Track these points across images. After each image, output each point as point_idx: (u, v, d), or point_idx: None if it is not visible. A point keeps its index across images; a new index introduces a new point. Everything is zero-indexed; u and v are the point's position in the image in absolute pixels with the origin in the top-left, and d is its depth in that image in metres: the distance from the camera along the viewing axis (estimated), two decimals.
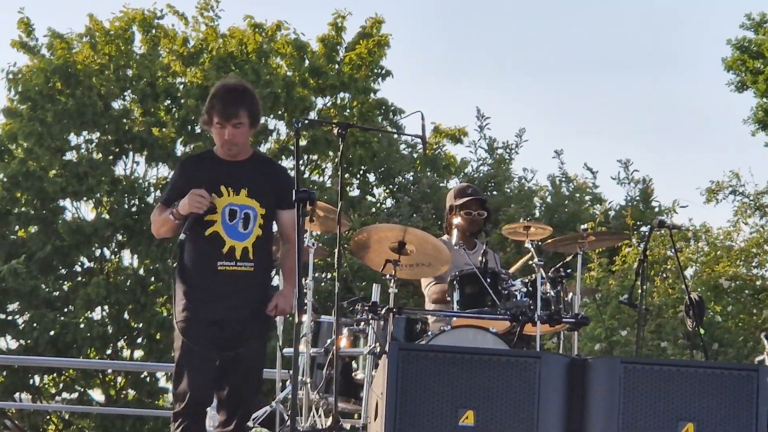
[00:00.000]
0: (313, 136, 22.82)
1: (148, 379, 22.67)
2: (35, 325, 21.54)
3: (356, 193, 23.90)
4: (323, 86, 23.60)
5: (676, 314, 15.63)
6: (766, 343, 9.56)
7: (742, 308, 17.09)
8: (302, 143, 22.82)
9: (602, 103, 38.15)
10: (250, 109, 6.68)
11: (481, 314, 8.00)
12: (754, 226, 19.85)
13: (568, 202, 23.22)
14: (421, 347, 6.91)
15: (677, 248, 14.46)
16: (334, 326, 7.68)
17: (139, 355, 23.08)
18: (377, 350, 7.69)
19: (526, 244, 8.47)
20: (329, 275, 20.77)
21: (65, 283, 23.05)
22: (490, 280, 8.06)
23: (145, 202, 22.70)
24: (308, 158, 23.73)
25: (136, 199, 22.87)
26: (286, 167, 7.34)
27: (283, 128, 23.82)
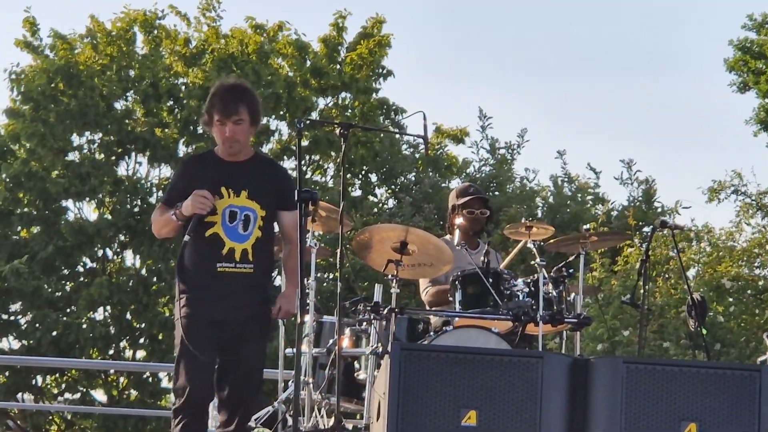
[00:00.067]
0: (314, 136, 22.83)
1: (150, 379, 22.67)
2: (38, 325, 21.55)
3: (358, 193, 23.90)
4: (325, 86, 23.60)
5: (678, 314, 15.64)
6: None
7: (744, 308, 17.10)
8: (304, 143, 22.82)
9: (604, 103, 38.17)
10: (250, 106, 6.68)
11: (483, 314, 8.00)
12: (756, 226, 19.86)
13: (570, 202, 23.21)
14: (423, 347, 6.90)
15: (679, 248, 14.44)
16: (336, 326, 7.66)
17: (141, 355, 23.10)
18: (379, 350, 7.68)
19: (528, 244, 8.47)
20: (331, 275, 20.77)
21: (68, 283, 23.05)
22: (492, 280, 8.05)
23: (147, 202, 22.70)
24: (310, 158, 23.73)
25: (138, 199, 22.88)
26: (287, 168, 7.34)
27: (285, 129, 23.85)
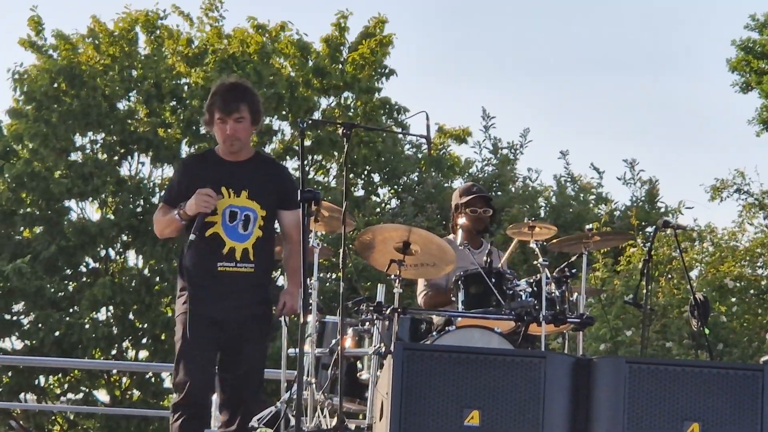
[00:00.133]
0: (317, 136, 22.82)
1: (153, 379, 22.69)
2: (40, 325, 21.56)
3: (361, 193, 23.90)
4: (327, 87, 23.60)
5: (681, 314, 15.62)
6: None
7: (747, 308, 17.09)
8: (307, 143, 22.83)
9: (607, 103, 38.14)
10: (251, 105, 6.68)
11: (486, 314, 7.99)
12: (758, 226, 19.86)
13: (573, 202, 23.20)
14: (426, 347, 6.91)
15: (682, 248, 14.44)
16: (338, 326, 7.65)
17: (144, 355, 23.10)
18: (382, 350, 7.67)
19: (530, 244, 8.46)
20: (334, 275, 20.76)
21: (70, 283, 23.06)
22: (494, 279, 8.04)
23: (150, 202, 22.70)
24: (313, 158, 23.73)
25: (141, 199, 22.88)
26: (288, 167, 7.32)
27: (287, 129, 23.85)
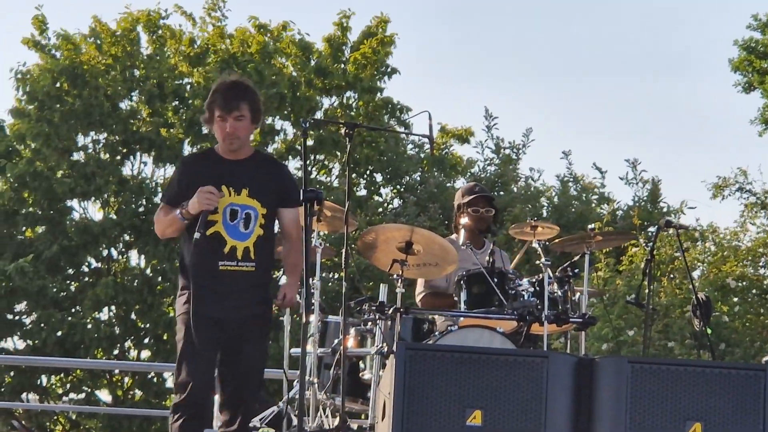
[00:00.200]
0: (319, 136, 22.82)
1: (155, 379, 22.70)
2: (43, 325, 21.57)
3: (363, 192, 23.89)
4: (329, 86, 23.59)
5: (683, 314, 15.62)
6: None
7: (749, 308, 17.09)
8: (309, 143, 22.80)
9: (609, 103, 38.14)
10: (251, 104, 6.66)
11: (488, 314, 8.00)
12: (761, 226, 19.86)
13: (575, 202, 23.19)
14: (428, 347, 6.91)
15: (684, 248, 14.44)
16: (341, 326, 7.68)
17: (146, 355, 23.10)
18: (384, 350, 7.69)
19: (533, 243, 8.46)
20: (336, 275, 20.77)
21: (72, 283, 23.07)
22: (497, 279, 8.05)
23: (152, 202, 22.69)
24: (315, 158, 23.72)
25: (143, 199, 22.89)
26: (287, 166, 7.31)
27: (289, 128, 23.85)
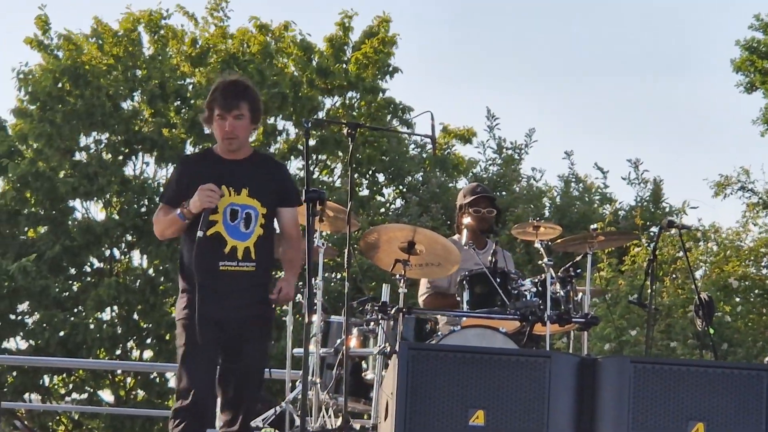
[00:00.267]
0: (321, 136, 22.82)
1: (157, 379, 22.68)
2: (45, 325, 21.56)
3: (365, 192, 23.89)
4: (330, 86, 23.58)
5: (685, 314, 15.61)
6: None
7: (751, 308, 17.08)
8: (311, 143, 22.77)
9: (611, 103, 38.11)
10: (251, 103, 6.66)
11: (490, 314, 8.00)
12: (763, 226, 19.85)
13: (577, 202, 23.19)
14: (431, 347, 6.91)
15: (687, 248, 14.44)
16: (343, 326, 7.67)
17: (148, 355, 23.11)
18: (387, 350, 7.69)
19: (535, 244, 8.47)
20: (339, 275, 20.78)
21: (75, 283, 23.07)
22: (499, 279, 8.06)
23: (154, 202, 22.66)
24: (317, 158, 23.71)
25: (145, 199, 22.88)
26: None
27: (291, 128, 23.84)
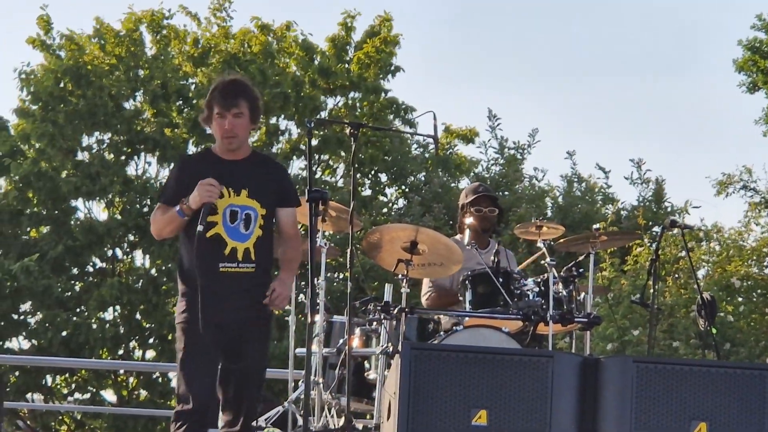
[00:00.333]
0: (324, 136, 22.82)
1: (160, 379, 22.69)
2: (48, 325, 21.58)
3: (368, 192, 23.90)
4: (333, 86, 23.58)
5: (688, 314, 15.63)
6: None
7: (753, 308, 17.09)
8: (313, 143, 22.80)
9: (613, 103, 38.09)
10: (250, 102, 6.63)
11: (493, 314, 8.01)
12: (765, 225, 19.86)
13: (580, 202, 23.19)
14: (433, 347, 6.90)
15: (689, 248, 14.45)
16: (346, 326, 7.66)
17: (150, 355, 23.12)
18: (390, 350, 7.69)
19: (538, 243, 8.47)
20: (341, 275, 20.79)
21: (77, 283, 23.08)
22: (502, 279, 8.06)
23: (156, 202, 22.67)
24: (320, 158, 23.72)
25: (148, 199, 22.88)
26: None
27: (294, 128, 23.83)
